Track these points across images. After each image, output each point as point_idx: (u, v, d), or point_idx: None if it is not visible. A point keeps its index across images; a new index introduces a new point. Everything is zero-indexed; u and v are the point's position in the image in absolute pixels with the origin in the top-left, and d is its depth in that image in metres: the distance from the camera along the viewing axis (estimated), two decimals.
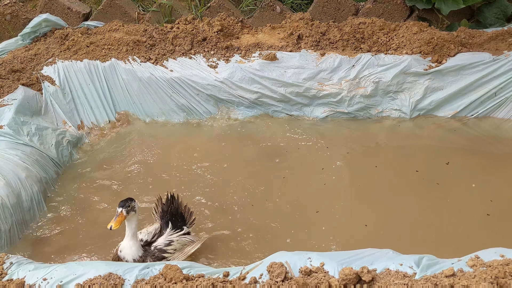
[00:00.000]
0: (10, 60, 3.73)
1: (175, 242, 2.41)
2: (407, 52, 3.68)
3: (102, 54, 3.82)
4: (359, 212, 2.83)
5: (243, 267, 1.89)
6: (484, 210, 2.76)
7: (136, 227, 2.29)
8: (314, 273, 1.78)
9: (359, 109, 3.74)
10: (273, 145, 3.53)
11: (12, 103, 3.28)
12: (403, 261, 1.80)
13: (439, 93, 3.64)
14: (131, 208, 2.23)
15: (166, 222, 2.52)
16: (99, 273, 1.83)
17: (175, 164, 3.35)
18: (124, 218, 2.20)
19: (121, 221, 2.20)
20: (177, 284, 1.77)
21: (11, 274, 1.90)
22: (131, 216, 2.24)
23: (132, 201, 2.25)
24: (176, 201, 2.57)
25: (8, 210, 2.62)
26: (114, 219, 2.20)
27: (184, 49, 3.88)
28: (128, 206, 2.22)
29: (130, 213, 2.23)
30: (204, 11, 4.25)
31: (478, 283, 1.63)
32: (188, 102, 3.80)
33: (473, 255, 1.80)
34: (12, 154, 2.93)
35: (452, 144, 3.47)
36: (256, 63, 3.73)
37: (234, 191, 3.05)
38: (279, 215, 2.83)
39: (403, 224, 2.73)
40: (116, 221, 2.19)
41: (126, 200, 2.25)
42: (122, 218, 2.20)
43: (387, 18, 4.11)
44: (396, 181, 3.09)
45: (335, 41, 3.84)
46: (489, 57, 3.56)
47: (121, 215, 2.19)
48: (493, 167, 3.16)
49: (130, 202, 2.24)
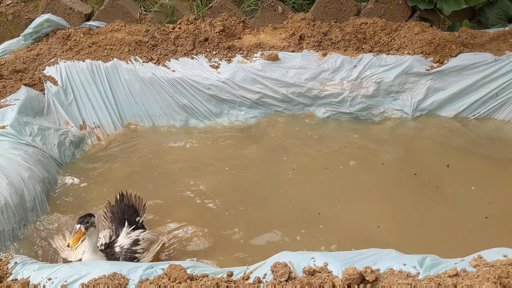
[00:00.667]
0: (12, 60, 3.74)
1: (142, 240, 2.37)
2: (408, 52, 3.69)
3: (104, 54, 3.83)
4: (360, 212, 2.83)
5: (246, 267, 1.90)
6: (485, 212, 2.76)
7: (97, 241, 2.24)
8: (318, 273, 1.79)
9: (361, 109, 3.75)
10: (275, 145, 3.54)
11: (15, 103, 3.28)
12: (406, 261, 1.81)
13: (441, 93, 3.65)
14: (90, 224, 2.15)
15: (120, 222, 2.47)
16: (104, 273, 1.84)
17: (176, 164, 3.35)
18: (82, 235, 2.13)
19: (79, 238, 2.13)
20: (182, 283, 1.77)
21: (16, 274, 1.91)
22: (90, 232, 2.16)
23: (91, 217, 2.17)
24: (125, 197, 2.53)
25: (11, 210, 2.62)
26: (72, 236, 2.14)
27: (186, 49, 3.89)
28: (87, 222, 2.14)
29: (90, 229, 2.15)
30: (206, 12, 4.25)
31: (482, 283, 1.63)
32: (190, 102, 3.80)
33: (476, 255, 1.81)
34: (15, 154, 2.93)
35: (453, 145, 3.47)
36: (258, 63, 3.74)
37: (236, 191, 3.06)
38: (282, 215, 2.84)
39: (404, 224, 2.74)
40: (74, 238, 2.11)
41: (85, 216, 2.17)
42: (80, 235, 2.12)
43: (389, 18, 4.12)
44: (398, 182, 3.10)
45: (337, 41, 3.85)
46: (490, 57, 3.56)
47: (79, 232, 2.12)
48: (493, 169, 3.16)
49: (89, 218, 2.16)
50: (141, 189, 3.08)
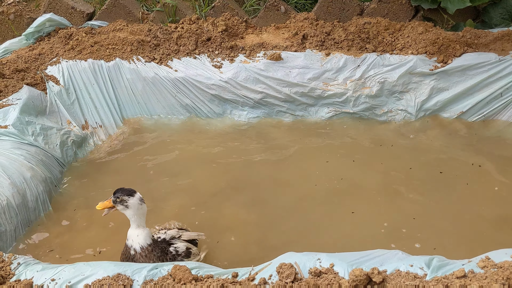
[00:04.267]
0: (14, 60, 3.73)
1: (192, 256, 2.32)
2: (412, 52, 3.67)
3: (106, 54, 3.82)
4: (363, 212, 2.81)
5: (252, 268, 1.88)
6: (485, 213, 2.75)
7: (137, 220, 2.13)
8: (324, 274, 1.77)
9: (364, 109, 3.73)
10: (277, 145, 3.52)
11: (17, 102, 3.27)
12: (413, 262, 1.79)
13: (445, 93, 3.63)
14: (119, 201, 2.09)
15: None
16: (108, 274, 1.82)
17: (179, 164, 3.34)
18: (110, 206, 2.10)
19: (106, 206, 2.11)
20: (186, 285, 1.76)
21: (19, 275, 1.89)
22: (121, 208, 2.10)
23: (123, 195, 2.08)
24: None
25: (13, 210, 2.61)
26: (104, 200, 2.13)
27: (189, 49, 3.88)
28: (117, 197, 2.09)
29: (118, 205, 2.09)
30: (208, 11, 4.24)
31: (490, 285, 1.61)
32: (192, 102, 3.79)
33: (483, 256, 1.79)
34: (17, 154, 2.92)
35: (457, 145, 3.45)
36: (261, 63, 3.73)
37: (238, 191, 3.04)
38: (286, 215, 2.82)
39: (408, 224, 2.72)
40: (103, 204, 2.11)
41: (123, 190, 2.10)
42: (108, 204, 2.10)
43: (392, 18, 4.10)
44: (402, 182, 3.08)
45: (340, 41, 3.83)
46: (495, 57, 3.55)
47: (108, 201, 2.11)
48: (497, 170, 3.15)
49: (121, 195, 2.08)
50: (142, 189, 3.07)
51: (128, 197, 2.09)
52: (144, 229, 2.18)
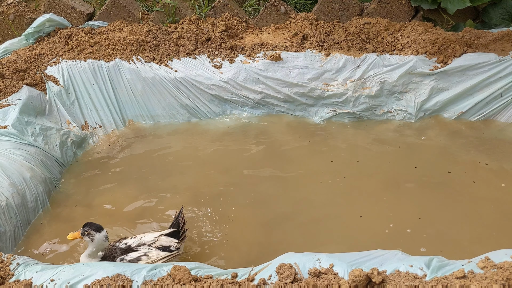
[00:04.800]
0: (14, 60, 3.73)
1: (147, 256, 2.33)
2: (412, 52, 3.67)
3: (106, 54, 3.82)
4: (364, 213, 2.81)
5: (251, 268, 1.88)
6: (485, 213, 2.75)
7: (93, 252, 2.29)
8: (324, 274, 1.77)
9: (364, 110, 3.73)
10: (277, 145, 3.52)
11: (17, 103, 3.27)
12: (413, 263, 1.79)
13: (445, 93, 3.63)
14: (86, 234, 2.25)
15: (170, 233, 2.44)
16: (107, 274, 1.82)
17: (179, 165, 3.34)
18: (78, 237, 2.28)
19: (75, 237, 2.28)
20: (186, 285, 1.75)
21: (18, 275, 1.89)
22: (87, 240, 2.26)
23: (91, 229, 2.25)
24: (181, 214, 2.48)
25: (13, 210, 2.61)
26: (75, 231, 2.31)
27: (189, 49, 3.87)
28: (85, 230, 2.25)
29: (85, 237, 2.25)
30: (208, 11, 4.23)
31: (490, 285, 1.61)
32: (192, 102, 3.79)
33: (483, 257, 1.78)
34: (17, 154, 2.92)
35: (457, 146, 3.45)
36: (261, 63, 3.72)
37: (238, 191, 3.04)
38: (285, 216, 2.82)
39: (408, 225, 2.72)
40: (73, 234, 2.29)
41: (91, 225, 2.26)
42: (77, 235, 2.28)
43: (392, 18, 4.09)
44: (402, 182, 3.08)
45: (340, 41, 3.83)
46: (495, 57, 3.55)
47: (77, 232, 2.29)
48: (497, 171, 3.15)
49: (89, 229, 2.25)
50: (142, 189, 3.08)
51: (95, 232, 2.27)
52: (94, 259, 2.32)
